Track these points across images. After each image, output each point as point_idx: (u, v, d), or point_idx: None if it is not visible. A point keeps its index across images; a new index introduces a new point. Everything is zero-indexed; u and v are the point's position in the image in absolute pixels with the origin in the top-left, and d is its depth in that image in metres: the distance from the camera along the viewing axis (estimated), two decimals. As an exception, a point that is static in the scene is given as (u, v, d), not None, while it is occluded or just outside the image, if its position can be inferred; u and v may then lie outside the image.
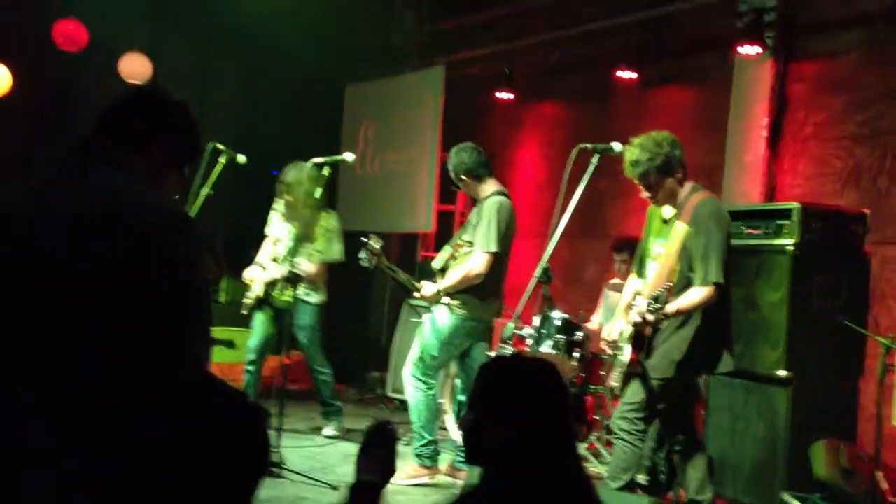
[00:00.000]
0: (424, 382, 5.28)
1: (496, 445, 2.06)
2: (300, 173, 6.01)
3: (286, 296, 5.96)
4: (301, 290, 6.18)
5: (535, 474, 2.01)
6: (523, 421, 2.05)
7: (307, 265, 6.01)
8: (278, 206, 6.35)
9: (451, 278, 5.25)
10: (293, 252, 5.97)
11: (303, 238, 6.09)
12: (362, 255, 5.36)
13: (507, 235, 5.30)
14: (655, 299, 4.00)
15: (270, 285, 6.10)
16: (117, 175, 2.04)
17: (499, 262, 5.31)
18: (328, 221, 6.30)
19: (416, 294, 5.46)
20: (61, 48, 8.22)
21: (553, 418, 2.09)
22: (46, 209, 1.97)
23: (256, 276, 6.18)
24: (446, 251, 5.52)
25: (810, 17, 6.43)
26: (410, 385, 5.33)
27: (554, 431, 2.08)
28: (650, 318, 4.05)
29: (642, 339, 4.29)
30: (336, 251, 6.25)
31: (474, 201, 5.52)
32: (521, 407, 2.07)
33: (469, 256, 5.24)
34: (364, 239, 5.37)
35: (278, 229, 6.35)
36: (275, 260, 6.23)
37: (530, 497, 2.00)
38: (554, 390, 2.13)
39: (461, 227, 5.48)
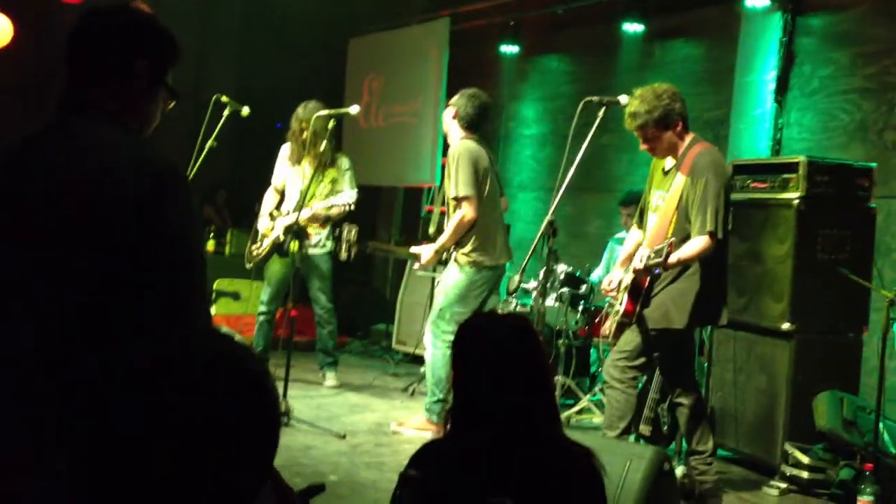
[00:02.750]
0: (443, 341, 5.29)
1: (477, 401, 2.09)
2: (315, 109, 5.95)
3: (294, 245, 5.89)
4: (317, 238, 6.18)
5: (511, 430, 2.05)
6: (499, 378, 2.08)
7: (337, 201, 5.81)
8: (284, 151, 6.31)
9: (444, 235, 5.30)
10: (308, 193, 5.89)
11: (320, 177, 6.03)
12: (341, 247, 5.46)
13: (480, 176, 5.27)
14: (658, 252, 4.03)
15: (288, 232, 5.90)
16: (103, 128, 2.01)
17: (489, 204, 5.31)
18: (344, 162, 6.24)
19: (415, 265, 5.49)
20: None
21: (528, 373, 2.12)
22: (32, 174, 1.95)
23: (272, 224, 6.15)
24: (437, 210, 5.58)
25: (819, -32, 6.37)
26: (429, 342, 5.37)
27: (530, 387, 2.10)
28: (651, 266, 4.09)
29: (640, 289, 4.32)
30: (356, 192, 5.93)
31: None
32: (494, 364, 2.10)
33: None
34: (337, 232, 5.44)
35: (284, 174, 6.27)
36: (274, 213, 6.18)
37: (507, 450, 2.03)
38: (529, 346, 2.16)
39: (442, 186, 5.51)
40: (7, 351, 1.86)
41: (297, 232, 5.76)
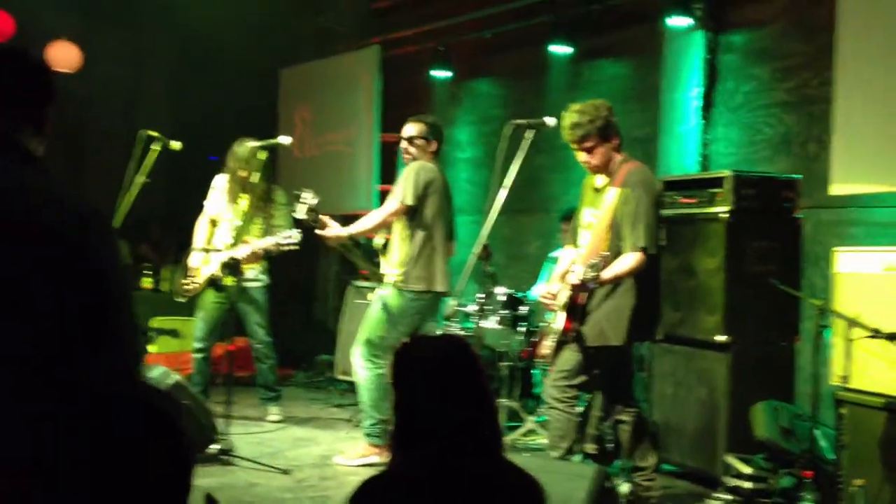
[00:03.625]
0: (372, 363, 5.28)
1: (421, 419, 2.09)
2: (252, 147, 5.92)
3: (229, 281, 5.82)
4: (253, 273, 6.10)
5: (458, 444, 2.04)
6: (445, 391, 2.08)
7: (280, 241, 5.66)
8: (219, 182, 6.22)
9: (363, 221, 5.32)
10: (244, 228, 5.83)
11: (256, 212, 5.97)
12: (296, 207, 5.30)
13: (430, 195, 5.29)
14: (592, 267, 4.06)
15: (224, 268, 5.85)
16: (18, 167, 1.99)
17: (437, 229, 5.32)
18: (280, 196, 6.19)
19: (318, 231, 5.36)
20: (-15, 38, 8.01)
21: (474, 387, 2.12)
22: None
23: (206, 261, 6.05)
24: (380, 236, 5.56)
25: (737, -14, 6.53)
26: (358, 366, 5.35)
27: (477, 400, 2.11)
28: (586, 281, 4.09)
29: (577, 307, 4.35)
30: (298, 231, 5.75)
31: None
32: (440, 378, 2.10)
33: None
34: (297, 192, 5.32)
35: (219, 208, 6.19)
36: (209, 247, 6.09)
37: (450, 474, 2.02)
38: (472, 360, 2.16)
39: None
40: (7, 351, 1.83)
41: (232, 266, 5.69)
